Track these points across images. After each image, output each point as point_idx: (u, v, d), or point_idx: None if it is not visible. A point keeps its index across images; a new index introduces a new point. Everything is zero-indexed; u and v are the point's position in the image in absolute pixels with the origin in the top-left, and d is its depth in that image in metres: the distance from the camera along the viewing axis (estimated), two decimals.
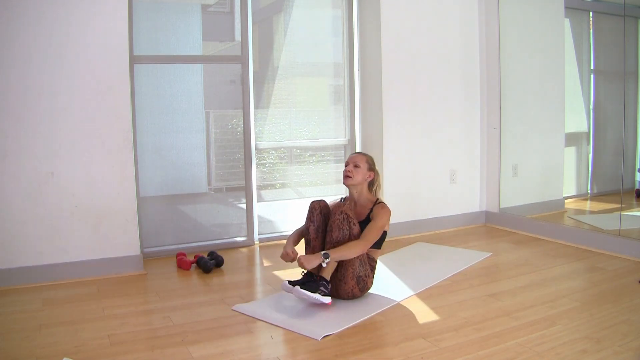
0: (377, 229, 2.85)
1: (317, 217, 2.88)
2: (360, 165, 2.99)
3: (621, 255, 3.61)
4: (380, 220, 2.88)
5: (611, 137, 4.61)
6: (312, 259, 2.69)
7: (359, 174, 2.98)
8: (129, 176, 3.48)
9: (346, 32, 4.50)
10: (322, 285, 2.72)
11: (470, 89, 4.67)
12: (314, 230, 2.87)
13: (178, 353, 2.32)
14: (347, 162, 3.05)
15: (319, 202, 2.94)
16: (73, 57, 3.30)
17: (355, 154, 3.09)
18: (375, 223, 2.86)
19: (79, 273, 3.37)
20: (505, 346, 2.31)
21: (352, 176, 2.98)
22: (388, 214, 2.93)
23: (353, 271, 2.79)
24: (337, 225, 2.75)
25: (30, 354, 2.32)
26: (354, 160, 3.02)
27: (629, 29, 4.09)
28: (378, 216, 2.89)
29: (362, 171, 2.99)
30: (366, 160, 3.03)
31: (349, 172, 2.98)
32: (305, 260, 2.68)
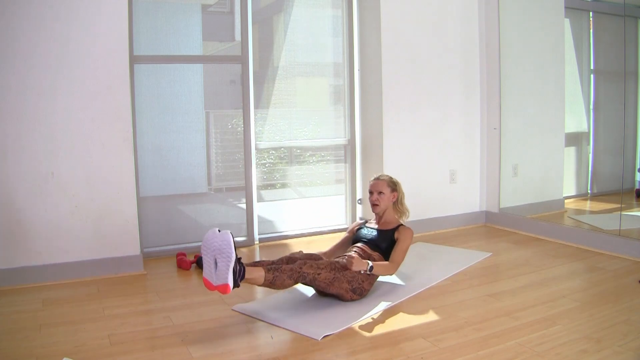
0: (404, 251, 3.07)
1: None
2: (384, 191, 3.18)
3: (621, 255, 3.61)
4: (404, 243, 3.07)
5: (611, 137, 4.61)
6: (361, 264, 2.81)
7: (384, 200, 3.19)
8: (129, 176, 3.48)
9: (346, 32, 4.50)
10: (240, 277, 2.48)
11: (470, 89, 4.67)
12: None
13: (178, 353, 2.32)
14: (370, 189, 3.22)
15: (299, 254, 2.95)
16: (73, 57, 3.30)
17: (375, 181, 3.24)
18: (402, 246, 3.06)
19: (79, 273, 3.37)
20: (505, 346, 2.31)
21: (379, 204, 3.18)
22: (411, 236, 3.12)
23: (347, 288, 2.82)
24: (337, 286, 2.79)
25: (30, 354, 2.32)
26: (376, 188, 3.20)
27: (629, 29, 4.09)
28: (403, 240, 3.08)
29: (386, 196, 3.19)
30: (387, 184, 3.21)
31: (376, 200, 3.18)
32: (356, 261, 2.79)
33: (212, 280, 2.43)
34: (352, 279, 2.81)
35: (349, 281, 2.80)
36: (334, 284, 2.75)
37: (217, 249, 2.42)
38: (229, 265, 2.38)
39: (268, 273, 2.57)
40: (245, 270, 2.49)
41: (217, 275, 2.41)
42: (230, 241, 2.41)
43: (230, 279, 2.38)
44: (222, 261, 2.40)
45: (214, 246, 2.43)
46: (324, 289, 2.77)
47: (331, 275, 2.73)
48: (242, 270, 2.47)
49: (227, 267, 2.38)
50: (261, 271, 2.57)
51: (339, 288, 2.78)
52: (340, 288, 2.78)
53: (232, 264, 2.39)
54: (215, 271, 2.42)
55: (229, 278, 2.38)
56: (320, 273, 2.70)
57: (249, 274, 2.51)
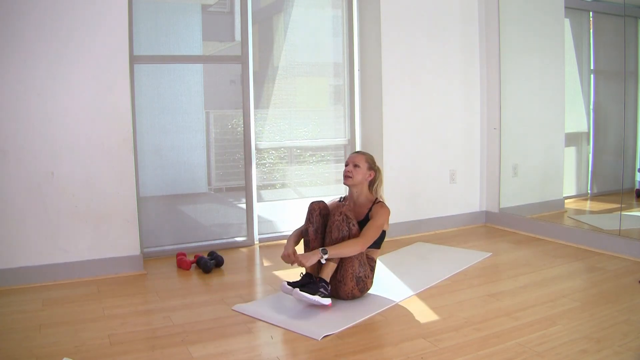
0: (376, 227, 2.85)
1: (316, 219, 2.88)
2: (360, 165, 2.99)
3: (621, 255, 3.61)
4: (379, 219, 2.87)
5: (611, 137, 4.61)
6: (310, 256, 2.70)
7: (359, 174, 2.98)
8: (129, 176, 3.48)
9: (346, 32, 4.50)
10: (322, 287, 2.72)
11: (470, 89, 4.67)
12: (313, 231, 2.87)
13: (178, 353, 2.32)
14: (347, 162, 3.05)
15: (318, 203, 2.94)
16: (73, 57, 3.30)
17: (355, 154, 3.09)
18: (374, 222, 2.86)
19: (79, 273, 3.37)
20: (505, 346, 2.31)
21: (352, 176, 2.98)
22: (387, 213, 2.93)
23: (352, 272, 2.79)
24: (336, 226, 2.75)
25: (30, 354, 2.32)
26: (353, 160, 3.02)
27: (629, 29, 4.09)
28: (377, 215, 2.89)
29: (362, 171, 2.99)
30: (366, 160, 3.02)
31: (349, 172, 2.99)
32: (304, 258, 2.69)
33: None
34: (362, 263, 2.83)
35: (360, 262, 2.81)
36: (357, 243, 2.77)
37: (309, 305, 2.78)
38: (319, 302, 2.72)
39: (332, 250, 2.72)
40: (329, 284, 2.77)
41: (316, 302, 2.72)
42: (310, 299, 2.69)
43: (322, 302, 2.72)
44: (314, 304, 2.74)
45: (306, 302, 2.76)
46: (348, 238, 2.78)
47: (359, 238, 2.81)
48: (329, 286, 2.77)
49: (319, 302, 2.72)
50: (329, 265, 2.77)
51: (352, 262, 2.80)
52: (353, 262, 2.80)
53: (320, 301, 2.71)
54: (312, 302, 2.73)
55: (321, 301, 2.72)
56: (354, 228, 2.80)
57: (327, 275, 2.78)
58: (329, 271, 2.76)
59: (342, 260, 2.77)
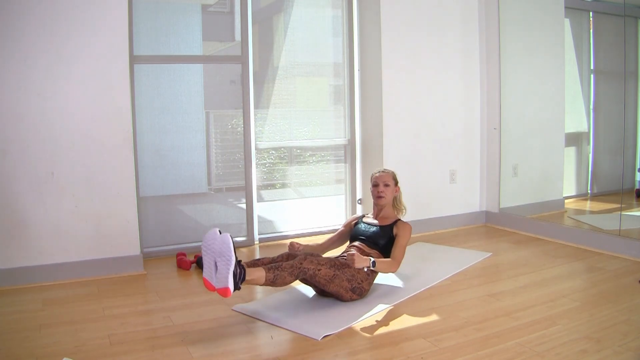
0: (404, 247, 3.04)
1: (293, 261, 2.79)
2: (390, 184, 3.16)
3: (621, 255, 3.61)
4: (404, 238, 3.05)
5: (611, 137, 4.61)
6: (363, 260, 2.77)
7: (389, 193, 3.17)
8: (129, 176, 3.48)
9: (346, 32, 4.50)
10: (240, 280, 2.46)
11: (470, 89, 4.67)
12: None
13: (178, 353, 2.32)
14: (376, 182, 3.17)
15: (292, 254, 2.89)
16: (73, 57, 3.30)
17: (382, 174, 3.20)
18: (402, 242, 3.03)
19: (79, 273, 3.37)
20: (505, 346, 2.31)
21: (385, 196, 3.15)
22: (410, 231, 3.10)
23: (346, 287, 2.80)
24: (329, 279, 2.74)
25: (30, 354, 2.32)
26: (383, 180, 3.16)
27: (629, 29, 4.09)
28: (402, 235, 3.05)
29: (391, 189, 3.17)
30: (392, 177, 3.20)
31: (382, 192, 3.14)
32: (358, 258, 2.75)
33: (212, 282, 2.43)
34: (351, 278, 2.80)
35: (349, 280, 2.79)
36: (334, 281, 2.73)
37: (217, 252, 2.41)
38: (229, 268, 2.37)
39: (269, 272, 2.56)
40: (245, 272, 2.47)
41: (218, 278, 2.40)
42: (230, 244, 2.39)
43: (230, 283, 2.37)
44: (223, 264, 2.39)
45: (214, 249, 2.42)
46: (324, 286, 2.75)
47: (331, 272, 2.72)
48: (243, 273, 2.45)
49: (227, 270, 2.37)
50: (262, 271, 2.56)
51: (339, 286, 2.76)
52: (339, 287, 2.76)
53: (232, 268, 2.38)
54: (216, 274, 2.41)
55: (230, 281, 2.37)
56: (321, 269, 2.68)
57: (250, 275, 2.50)
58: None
59: (334, 279, 2.75)
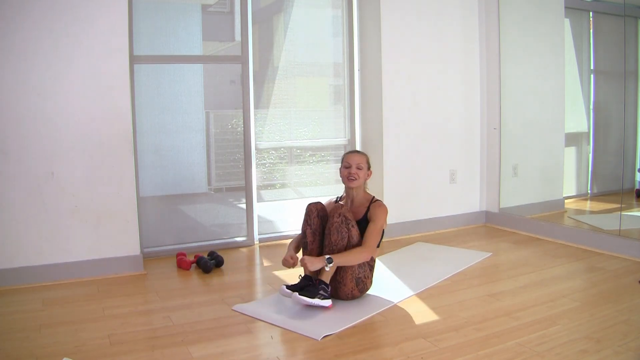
0: (377, 231, 2.84)
1: (314, 220, 2.88)
2: (363, 167, 2.98)
3: (621, 255, 3.61)
4: (378, 221, 2.86)
5: (611, 137, 4.61)
6: (315, 261, 2.68)
7: (362, 175, 2.98)
8: (129, 176, 3.48)
9: (346, 32, 4.50)
10: (322, 289, 2.71)
11: (470, 89, 4.67)
12: (311, 233, 2.87)
13: (178, 353, 2.32)
14: (349, 163, 2.98)
15: (316, 204, 2.94)
16: (73, 57, 3.30)
17: (355, 154, 3.04)
18: (375, 225, 2.85)
19: (79, 273, 3.37)
20: (505, 346, 2.31)
21: (357, 178, 2.96)
22: (385, 213, 2.92)
23: (352, 273, 2.79)
24: (335, 228, 2.75)
25: (30, 354, 2.32)
26: (356, 161, 2.97)
27: (629, 29, 4.09)
28: (376, 217, 2.88)
29: (364, 172, 2.99)
30: (366, 160, 3.02)
31: (355, 174, 2.95)
32: (309, 262, 2.67)
33: None
34: (361, 265, 2.81)
35: (359, 265, 2.80)
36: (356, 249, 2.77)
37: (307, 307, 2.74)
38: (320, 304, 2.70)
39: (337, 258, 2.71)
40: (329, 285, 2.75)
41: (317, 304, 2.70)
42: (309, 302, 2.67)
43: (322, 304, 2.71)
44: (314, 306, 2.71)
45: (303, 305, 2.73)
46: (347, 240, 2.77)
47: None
48: (329, 288, 2.75)
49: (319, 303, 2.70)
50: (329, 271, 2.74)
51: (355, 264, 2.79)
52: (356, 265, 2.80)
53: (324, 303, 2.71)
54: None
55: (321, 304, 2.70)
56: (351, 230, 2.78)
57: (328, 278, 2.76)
58: (329, 273, 2.75)
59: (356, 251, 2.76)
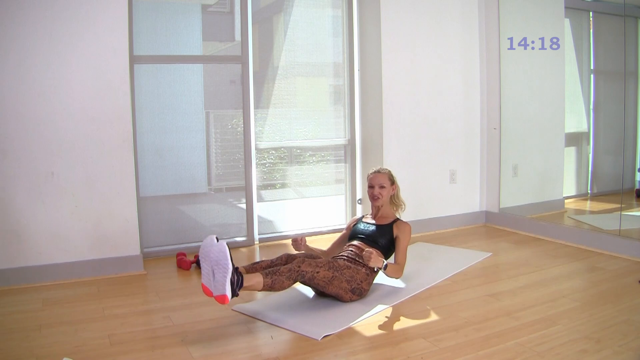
0: (405, 250, 3.08)
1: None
2: (385, 185, 3.16)
3: (621, 255, 3.61)
4: (405, 241, 3.08)
5: (611, 137, 4.61)
6: (378, 260, 2.82)
7: (385, 194, 3.17)
8: (129, 176, 3.48)
9: (346, 32, 4.50)
10: (238, 287, 2.49)
11: (470, 88, 4.67)
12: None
13: (178, 353, 2.32)
14: (372, 183, 3.18)
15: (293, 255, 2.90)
16: (73, 57, 3.30)
17: (377, 174, 3.20)
18: (403, 245, 3.07)
19: (79, 273, 3.37)
20: (505, 346, 2.31)
21: (381, 197, 3.16)
22: (410, 231, 3.12)
23: (346, 288, 2.80)
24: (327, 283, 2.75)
25: (30, 354, 2.32)
26: (379, 182, 3.16)
27: (629, 29, 4.09)
28: (403, 238, 3.08)
29: (387, 190, 3.17)
30: (388, 178, 3.19)
31: (378, 194, 3.15)
32: (375, 257, 2.80)
33: (210, 288, 2.45)
34: (350, 279, 2.80)
35: (348, 281, 2.79)
36: (332, 282, 2.74)
37: (214, 260, 2.42)
38: (225, 276, 2.39)
39: (266, 278, 2.56)
40: (243, 279, 2.48)
41: (215, 285, 2.41)
42: (226, 253, 2.40)
43: (228, 290, 2.39)
44: (220, 273, 2.40)
45: (211, 257, 2.43)
46: (323, 288, 2.76)
47: (330, 274, 2.72)
48: (240, 280, 2.47)
49: (224, 278, 2.39)
50: (259, 277, 2.55)
51: (338, 288, 2.77)
52: (339, 288, 2.77)
53: (229, 276, 2.39)
54: (213, 281, 2.43)
55: (227, 289, 2.38)
56: (319, 271, 2.68)
57: (247, 282, 2.51)
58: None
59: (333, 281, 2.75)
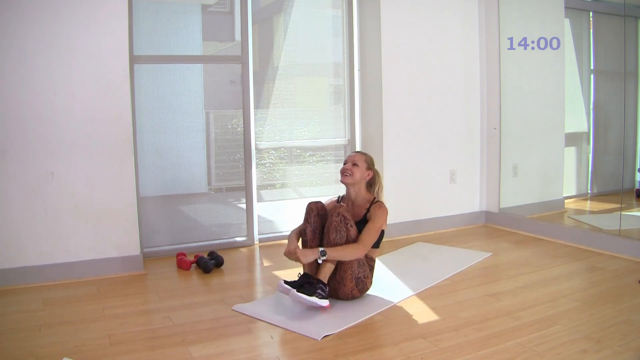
0: (375, 230, 2.84)
1: (314, 219, 2.88)
2: (359, 164, 2.97)
3: (621, 255, 3.61)
4: (377, 221, 2.86)
5: (611, 137, 4.61)
6: (308, 253, 2.71)
7: (358, 173, 2.95)
8: (129, 176, 3.48)
9: (346, 32, 4.50)
10: (320, 288, 2.70)
11: (470, 89, 4.67)
12: (311, 231, 2.87)
13: (178, 353, 2.32)
14: (346, 160, 3.04)
15: (316, 203, 2.94)
16: (73, 57, 3.30)
17: (355, 153, 3.09)
18: (373, 224, 2.84)
19: (79, 273, 3.37)
20: (505, 346, 2.31)
21: (351, 174, 2.95)
22: (385, 214, 2.91)
23: (352, 273, 2.79)
24: (334, 227, 2.75)
25: (30, 354, 2.32)
26: (352, 158, 3.01)
27: (629, 29, 4.09)
28: (375, 217, 2.87)
29: (360, 170, 2.96)
30: (365, 160, 3.00)
31: (348, 169, 2.96)
32: (302, 254, 2.70)
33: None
34: (361, 266, 2.82)
35: (359, 265, 2.80)
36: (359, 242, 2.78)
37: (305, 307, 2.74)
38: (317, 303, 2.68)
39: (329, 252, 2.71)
40: (327, 285, 2.75)
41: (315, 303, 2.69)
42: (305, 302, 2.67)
43: (323, 302, 2.70)
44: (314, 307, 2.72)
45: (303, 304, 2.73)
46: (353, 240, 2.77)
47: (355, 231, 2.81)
48: (326, 288, 2.73)
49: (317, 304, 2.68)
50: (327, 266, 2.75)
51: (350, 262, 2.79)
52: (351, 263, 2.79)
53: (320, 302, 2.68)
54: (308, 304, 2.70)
55: (323, 302, 2.70)
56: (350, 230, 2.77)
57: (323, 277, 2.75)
58: (327, 272, 2.75)
59: (340, 261, 2.77)
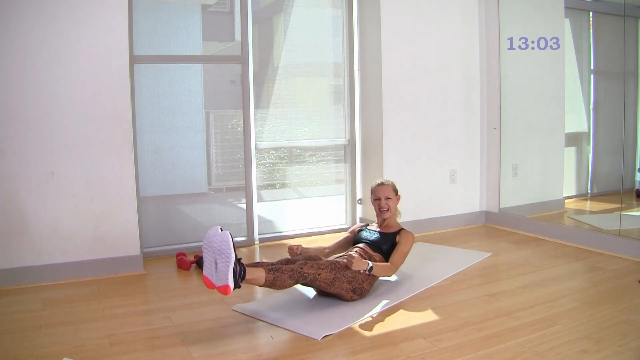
0: (404, 254, 3.09)
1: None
2: (391, 197, 3.21)
3: (621, 255, 3.61)
4: (405, 246, 3.09)
5: (611, 137, 4.61)
6: (361, 263, 2.80)
7: (393, 205, 3.22)
8: (129, 176, 3.48)
9: (346, 32, 4.50)
10: (240, 278, 2.48)
11: (470, 89, 4.67)
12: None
13: (178, 353, 2.32)
14: (378, 195, 3.21)
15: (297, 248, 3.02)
16: (73, 57, 3.30)
17: (382, 186, 3.24)
18: (402, 249, 3.07)
19: (79, 273, 3.37)
20: (505, 346, 2.31)
21: (388, 209, 3.20)
22: (412, 240, 3.15)
23: (347, 288, 2.81)
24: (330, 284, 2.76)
25: (30, 354, 2.32)
26: (383, 193, 3.20)
27: (629, 29, 4.09)
28: (404, 243, 3.09)
29: (393, 201, 3.22)
30: (392, 189, 3.24)
31: (385, 206, 3.19)
32: (356, 261, 2.78)
33: (212, 280, 2.44)
34: (352, 279, 2.81)
35: (349, 281, 2.80)
36: (334, 284, 2.75)
37: (217, 250, 2.42)
38: (228, 266, 2.39)
39: (269, 273, 2.57)
40: (245, 271, 2.49)
41: (218, 276, 2.41)
42: (229, 242, 2.41)
43: (230, 280, 2.38)
44: (222, 262, 2.40)
45: (214, 246, 2.43)
46: (325, 289, 2.77)
47: (332, 275, 2.73)
48: (243, 271, 2.47)
49: (227, 268, 2.39)
50: (262, 271, 2.56)
51: (340, 288, 2.78)
52: (340, 288, 2.78)
53: (231, 265, 2.39)
54: (216, 272, 2.42)
55: (230, 279, 2.38)
56: (321, 273, 2.69)
57: (250, 275, 2.51)
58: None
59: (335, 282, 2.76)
